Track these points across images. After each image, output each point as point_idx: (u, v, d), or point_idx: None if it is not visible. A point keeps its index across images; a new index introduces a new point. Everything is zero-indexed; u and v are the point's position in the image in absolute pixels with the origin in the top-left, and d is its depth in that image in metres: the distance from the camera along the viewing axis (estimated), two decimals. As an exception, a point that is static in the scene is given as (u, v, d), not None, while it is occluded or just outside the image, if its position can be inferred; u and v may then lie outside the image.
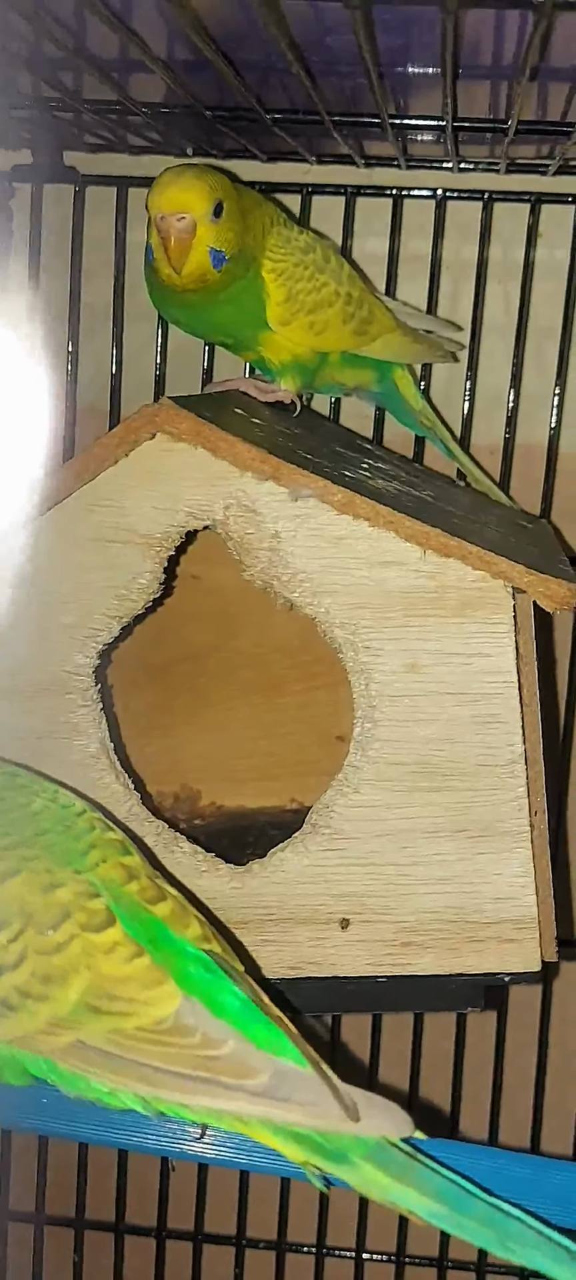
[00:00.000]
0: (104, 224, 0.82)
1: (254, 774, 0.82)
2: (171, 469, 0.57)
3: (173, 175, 0.64)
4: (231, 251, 0.65)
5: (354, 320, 0.72)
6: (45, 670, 0.59)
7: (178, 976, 0.47)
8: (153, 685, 0.80)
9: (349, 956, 0.62)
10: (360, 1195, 0.47)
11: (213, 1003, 0.47)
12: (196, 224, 0.63)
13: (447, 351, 0.80)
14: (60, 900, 0.49)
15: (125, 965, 0.47)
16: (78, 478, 0.57)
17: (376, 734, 0.60)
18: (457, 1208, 0.45)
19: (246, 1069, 0.45)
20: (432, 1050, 0.90)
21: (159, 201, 0.64)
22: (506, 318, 0.83)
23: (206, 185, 0.64)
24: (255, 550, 0.58)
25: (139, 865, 0.52)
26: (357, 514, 0.57)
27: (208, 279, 0.65)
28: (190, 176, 0.64)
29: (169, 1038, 0.46)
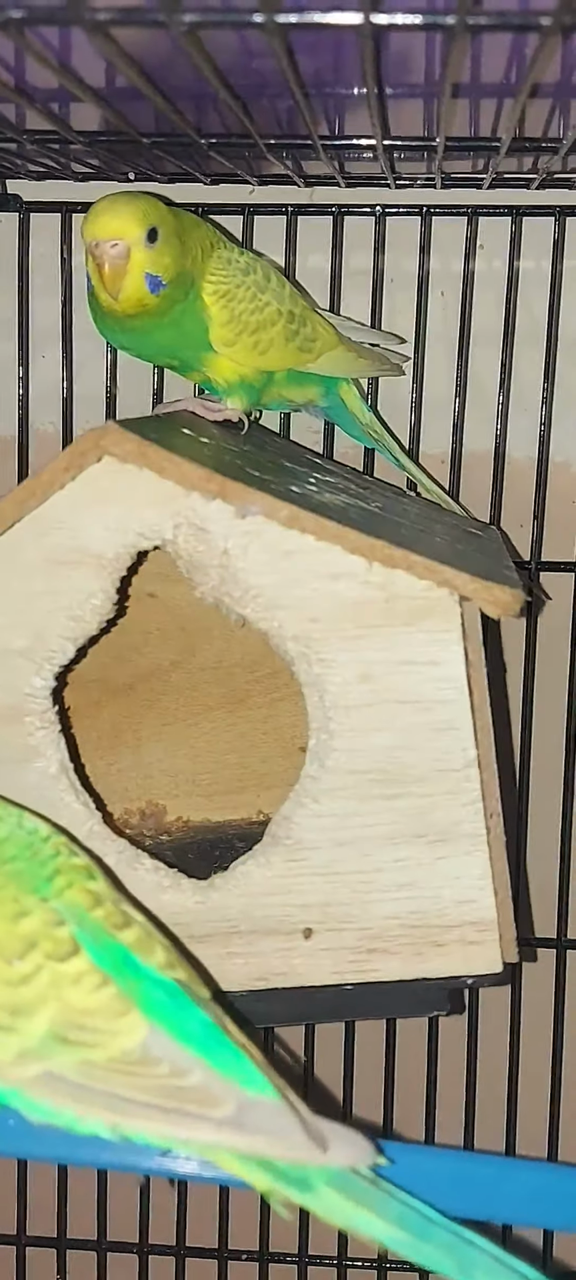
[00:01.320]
0: (49, 249, 0.83)
1: (220, 787, 0.82)
2: (119, 491, 0.58)
3: (105, 203, 0.65)
4: (169, 276, 0.66)
5: (297, 338, 0.73)
6: (2, 695, 0.60)
7: (143, 1004, 0.47)
8: (116, 704, 0.80)
9: (314, 966, 0.62)
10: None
11: (178, 1030, 0.47)
12: (130, 249, 0.64)
13: (393, 364, 0.81)
14: (26, 930, 0.49)
15: (92, 995, 0.47)
16: (25, 503, 0.58)
17: (332, 744, 0.60)
18: (419, 1234, 0.45)
19: (212, 1098, 0.45)
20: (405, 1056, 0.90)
21: (92, 229, 0.64)
22: (448, 328, 0.84)
23: (139, 211, 0.64)
24: (206, 568, 0.59)
25: (104, 890, 0.52)
26: (304, 529, 0.58)
27: (146, 304, 0.66)
28: (122, 203, 0.65)
29: (136, 1068, 0.46)
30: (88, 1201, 0.92)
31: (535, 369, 0.83)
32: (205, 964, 0.62)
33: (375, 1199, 0.45)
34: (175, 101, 0.57)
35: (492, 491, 0.84)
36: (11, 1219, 0.92)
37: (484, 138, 0.68)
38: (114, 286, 0.65)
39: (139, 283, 0.65)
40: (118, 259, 0.64)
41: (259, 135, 0.63)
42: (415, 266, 0.82)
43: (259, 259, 0.74)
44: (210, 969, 0.62)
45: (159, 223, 0.65)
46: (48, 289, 0.85)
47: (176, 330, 0.69)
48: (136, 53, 0.48)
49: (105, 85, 0.58)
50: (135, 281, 0.65)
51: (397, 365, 0.81)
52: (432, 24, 0.40)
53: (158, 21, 0.40)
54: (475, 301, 0.83)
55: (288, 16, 0.40)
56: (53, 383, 0.86)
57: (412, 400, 0.84)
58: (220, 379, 0.72)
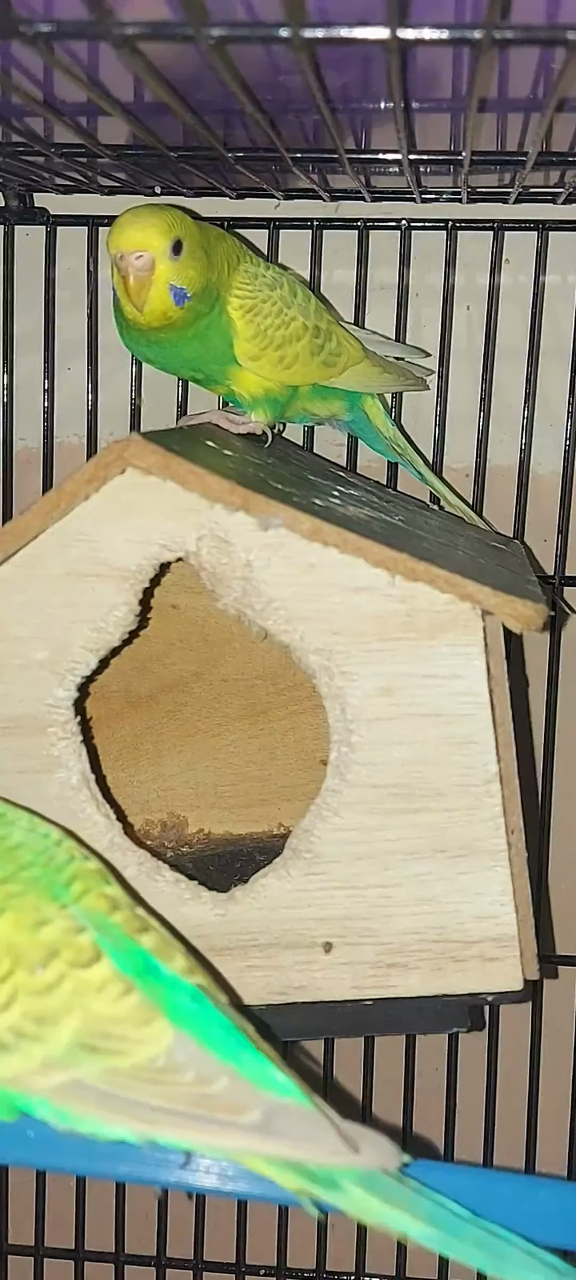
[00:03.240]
0: (75, 262, 0.84)
1: (241, 800, 0.82)
2: (143, 503, 0.58)
3: (130, 215, 0.65)
4: (194, 288, 0.66)
5: (323, 353, 0.73)
6: (22, 706, 0.60)
7: (168, 1010, 0.47)
8: (138, 715, 0.80)
9: (333, 980, 0.62)
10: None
11: (203, 1036, 0.47)
12: (155, 261, 0.64)
13: (418, 379, 0.81)
14: (47, 938, 0.48)
15: (116, 1002, 0.47)
16: (49, 515, 0.58)
17: (354, 758, 0.60)
18: (449, 1230, 0.45)
19: (239, 1105, 0.45)
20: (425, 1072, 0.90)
21: (117, 241, 0.64)
22: (473, 343, 0.84)
23: (164, 223, 0.64)
24: (228, 580, 0.59)
25: (120, 895, 0.52)
26: (326, 541, 0.58)
27: (170, 316, 0.66)
28: (147, 215, 0.65)
29: (162, 1075, 0.46)
30: (106, 1213, 0.92)
31: (560, 384, 0.83)
32: (225, 976, 0.62)
33: (404, 1196, 0.45)
34: (202, 115, 0.57)
35: (516, 506, 0.83)
36: (29, 1230, 0.93)
37: (510, 152, 0.68)
38: (139, 298, 0.65)
39: (164, 294, 0.65)
40: (142, 271, 0.64)
41: (285, 149, 0.63)
42: (440, 281, 0.82)
43: (285, 273, 0.74)
44: (230, 982, 0.62)
45: (184, 235, 0.65)
46: (74, 302, 0.85)
47: (201, 344, 0.69)
48: (164, 67, 0.49)
49: (133, 99, 0.59)
50: (160, 293, 0.65)
51: (422, 380, 0.81)
52: (459, 38, 0.40)
53: (185, 36, 0.40)
54: (500, 316, 0.83)
55: (314, 31, 0.40)
56: (78, 395, 0.86)
57: (437, 414, 0.84)
58: (245, 393, 0.72)
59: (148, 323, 0.66)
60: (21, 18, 0.40)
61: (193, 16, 0.38)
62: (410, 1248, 0.88)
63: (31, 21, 0.40)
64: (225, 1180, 0.55)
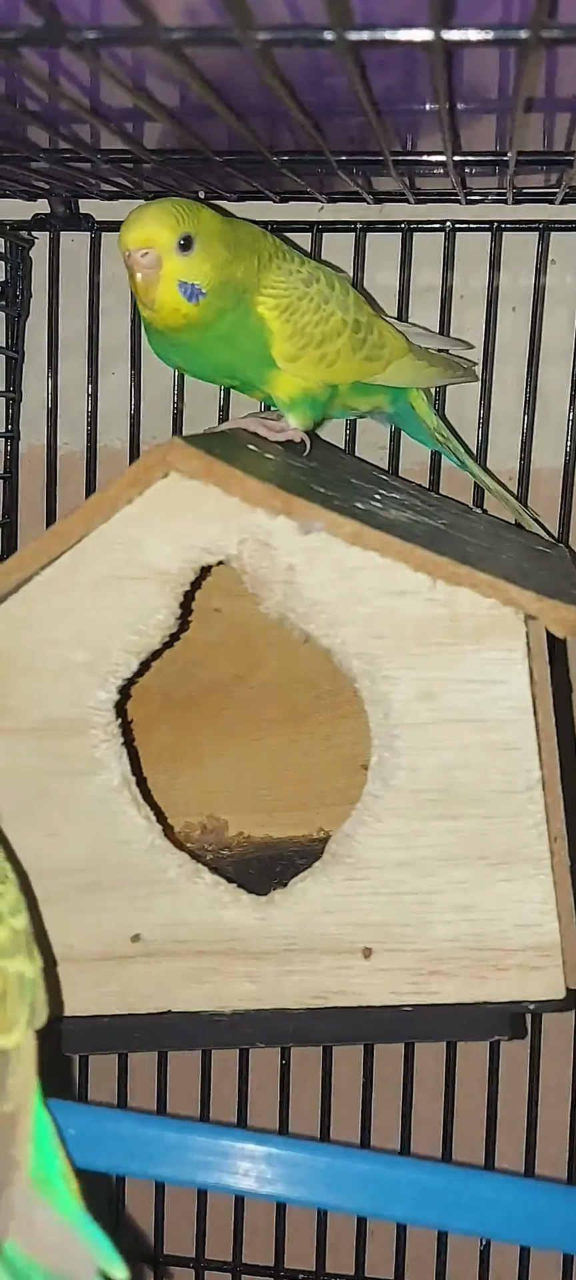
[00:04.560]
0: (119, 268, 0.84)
1: (281, 804, 0.82)
2: (185, 506, 0.58)
3: (138, 211, 0.64)
4: (209, 284, 0.64)
5: (364, 347, 0.71)
6: (64, 708, 0.60)
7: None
8: (178, 718, 0.81)
9: (373, 986, 0.62)
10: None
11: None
12: (161, 258, 0.63)
13: (466, 370, 0.80)
14: None
15: None
16: (92, 519, 0.58)
17: (395, 762, 0.60)
18: None
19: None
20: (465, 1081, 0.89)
21: (124, 238, 0.63)
22: (518, 344, 0.83)
23: (170, 218, 0.63)
24: (270, 584, 0.59)
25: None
26: (367, 545, 0.57)
27: (184, 313, 0.64)
28: (154, 210, 0.63)
29: None
30: (144, 1215, 0.93)
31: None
32: (264, 980, 0.62)
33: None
34: (247, 119, 0.57)
35: (561, 509, 0.83)
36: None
37: (557, 152, 0.67)
38: (147, 296, 0.63)
39: (171, 291, 0.63)
40: (148, 268, 0.63)
41: (330, 152, 0.63)
42: (484, 282, 0.82)
43: (321, 267, 0.72)
44: (269, 985, 0.62)
45: (195, 229, 0.63)
46: (117, 307, 0.86)
47: (230, 346, 0.67)
48: (208, 71, 0.49)
49: (178, 104, 0.59)
50: (168, 289, 0.63)
51: (471, 370, 0.80)
52: (505, 39, 0.40)
53: (231, 40, 0.40)
54: (546, 317, 0.82)
55: (358, 34, 0.40)
56: (121, 399, 0.87)
57: (481, 416, 0.83)
58: (283, 395, 0.70)
59: (161, 322, 0.65)
60: (68, 25, 0.40)
61: (238, 20, 0.39)
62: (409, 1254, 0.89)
63: (78, 28, 0.40)
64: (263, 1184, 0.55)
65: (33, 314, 0.88)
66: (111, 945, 0.62)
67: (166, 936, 0.62)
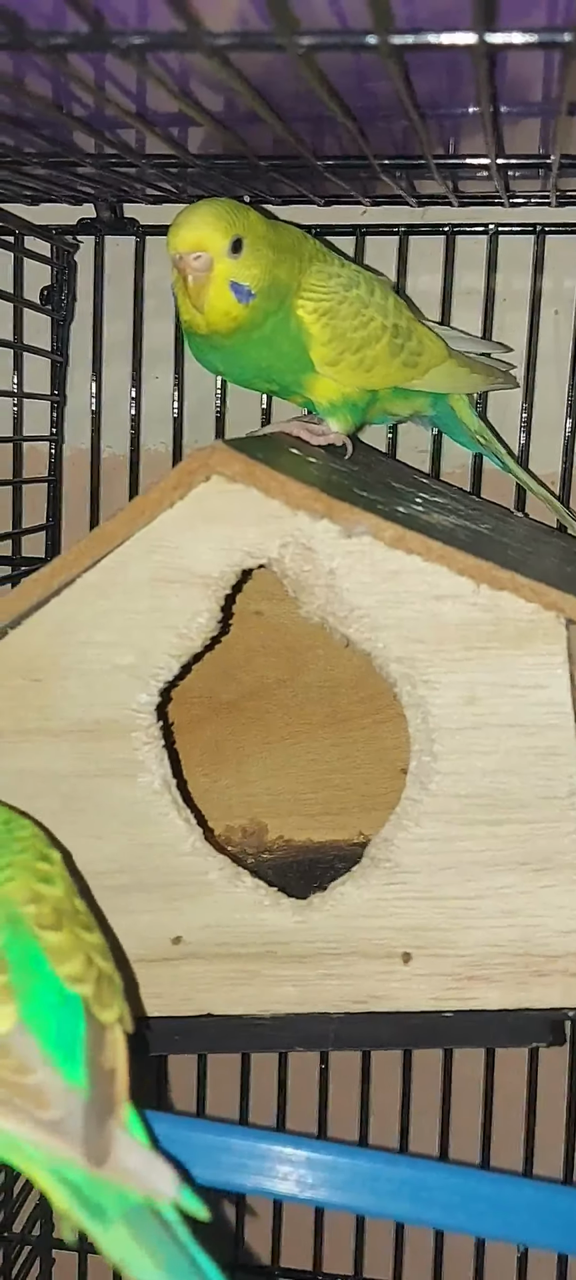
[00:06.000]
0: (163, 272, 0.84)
1: (322, 808, 0.82)
2: (226, 510, 0.58)
3: (187, 214, 0.63)
4: (258, 285, 0.64)
5: (404, 352, 0.71)
6: (107, 710, 0.60)
7: (26, 1002, 0.48)
8: (220, 721, 0.81)
9: (412, 991, 0.62)
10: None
11: (48, 1036, 0.47)
12: (213, 260, 0.62)
13: (507, 377, 0.79)
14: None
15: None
16: (134, 522, 0.58)
17: (435, 767, 0.60)
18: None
19: (46, 1100, 0.45)
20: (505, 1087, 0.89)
21: (174, 241, 0.63)
22: (560, 347, 0.83)
23: (222, 220, 0.62)
24: (311, 587, 0.59)
25: (51, 896, 0.52)
26: (410, 549, 0.57)
27: (234, 316, 0.64)
28: (204, 213, 0.63)
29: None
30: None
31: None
32: (304, 983, 0.62)
33: (161, 1249, 0.44)
34: (291, 124, 0.57)
35: (604, 513, 0.82)
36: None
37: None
38: (198, 299, 0.63)
39: (223, 293, 0.63)
40: (201, 271, 0.62)
41: (373, 156, 0.63)
42: (527, 285, 0.82)
43: (362, 271, 0.72)
44: (309, 989, 0.62)
45: (244, 231, 0.63)
46: (161, 311, 0.86)
47: (270, 350, 0.67)
48: (253, 76, 0.49)
49: (223, 108, 0.59)
50: (219, 291, 0.63)
51: (511, 377, 0.80)
52: (549, 42, 0.40)
53: (275, 45, 0.40)
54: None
55: (402, 38, 0.40)
56: (164, 403, 0.87)
57: (523, 419, 0.83)
58: (323, 400, 0.69)
59: (209, 325, 0.64)
60: (114, 30, 0.41)
61: (282, 26, 0.39)
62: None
63: (124, 34, 0.41)
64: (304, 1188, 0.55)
65: (77, 318, 0.89)
66: (152, 947, 0.62)
67: (207, 939, 0.62)
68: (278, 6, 0.37)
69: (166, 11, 0.38)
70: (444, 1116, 0.88)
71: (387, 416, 0.77)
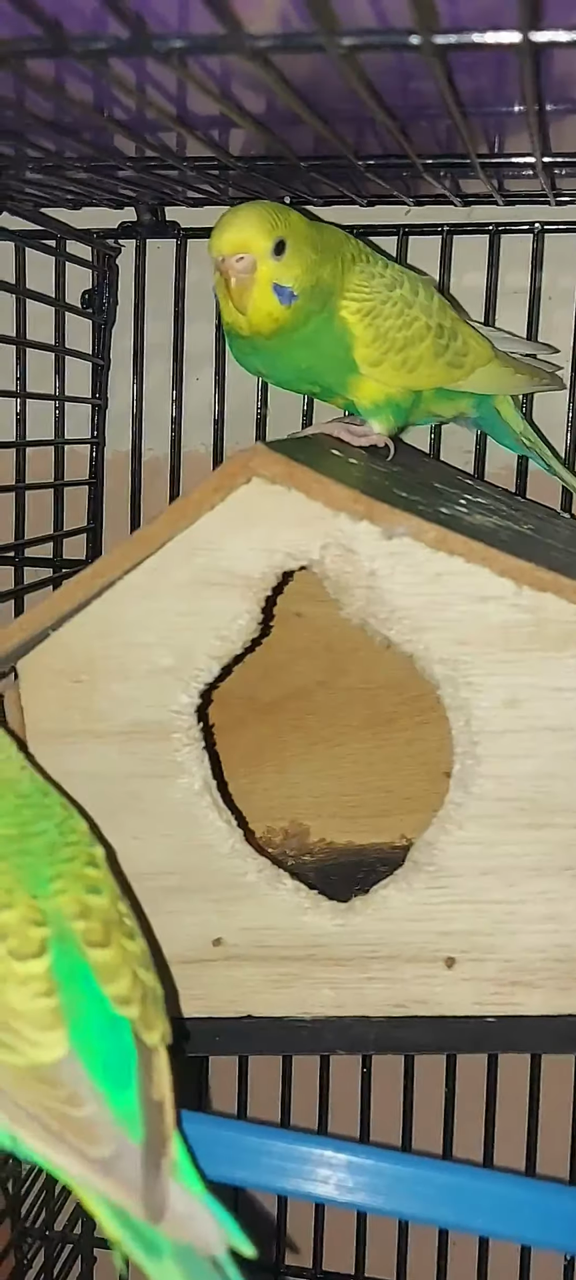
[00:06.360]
0: (204, 274, 0.85)
1: (363, 810, 0.82)
2: (267, 512, 0.58)
3: (230, 216, 0.63)
4: (300, 287, 0.64)
5: (448, 353, 0.70)
6: (148, 711, 0.61)
7: (75, 1026, 0.47)
8: (261, 723, 0.81)
9: (455, 996, 0.61)
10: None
11: (96, 1064, 0.47)
12: (256, 262, 0.62)
13: (554, 378, 0.79)
14: (3, 922, 0.49)
15: (29, 1001, 0.47)
16: (175, 524, 0.58)
17: (478, 770, 0.59)
18: None
19: (94, 1137, 0.45)
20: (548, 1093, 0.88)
21: (218, 243, 0.63)
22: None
23: (265, 222, 0.62)
24: (352, 589, 0.58)
25: (99, 907, 0.51)
26: (452, 550, 0.57)
27: (277, 317, 0.64)
28: (248, 215, 0.63)
29: (40, 1084, 0.46)
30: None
31: None
32: (345, 987, 0.62)
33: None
34: (332, 124, 0.57)
35: None
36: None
37: None
38: (241, 301, 0.63)
39: (267, 295, 0.63)
40: (244, 273, 0.62)
41: (416, 156, 0.63)
42: (574, 284, 0.81)
43: (405, 271, 0.71)
44: (350, 992, 0.62)
45: (287, 232, 0.63)
46: (202, 313, 0.86)
47: (312, 351, 0.67)
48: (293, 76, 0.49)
49: (263, 110, 0.59)
50: (263, 293, 0.63)
51: (557, 378, 0.79)
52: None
53: (316, 46, 0.40)
54: None
55: (445, 37, 0.40)
56: (205, 405, 0.87)
57: (569, 419, 0.82)
58: (366, 401, 0.69)
59: (253, 326, 0.64)
60: (155, 35, 0.41)
61: (323, 26, 0.38)
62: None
63: (165, 38, 0.41)
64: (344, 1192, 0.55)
65: (118, 321, 0.90)
66: (193, 948, 0.62)
67: (248, 941, 0.62)
68: (318, 7, 0.37)
69: (207, 14, 0.38)
70: (488, 1122, 0.88)
71: (431, 417, 0.77)
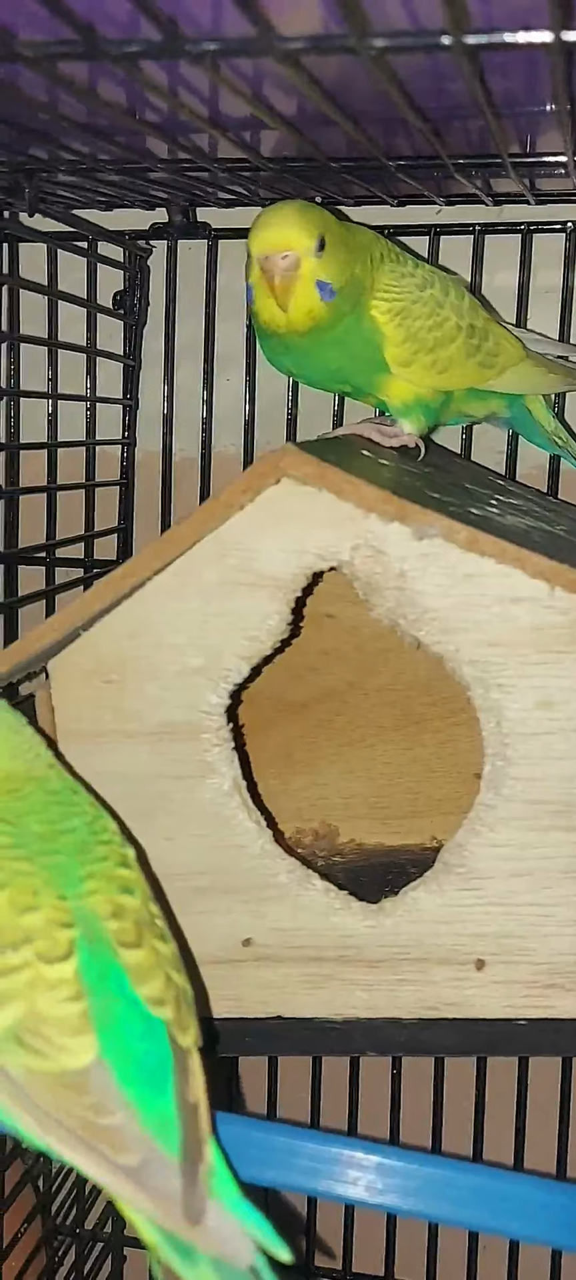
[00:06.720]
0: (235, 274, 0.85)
1: (394, 812, 0.82)
2: (297, 512, 0.58)
3: (273, 215, 0.63)
4: (338, 284, 0.64)
5: (479, 353, 0.70)
6: (178, 711, 0.61)
7: (106, 1031, 0.47)
8: (291, 723, 0.81)
9: (486, 998, 0.61)
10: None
11: (126, 1069, 0.47)
12: (300, 260, 0.62)
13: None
14: (28, 924, 0.49)
15: (57, 1006, 0.47)
16: (205, 525, 0.58)
17: (509, 772, 0.59)
18: None
19: (123, 1145, 0.45)
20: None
21: (262, 240, 0.63)
22: None
23: (308, 220, 0.63)
24: (382, 590, 0.58)
25: (132, 908, 0.51)
26: (483, 551, 0.57)
27: (316, 315, 0.64)
28: (291, 212, 0.63)
29: (68, 1091, 0.46)
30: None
31: None
32: (376, 989, 0.62)
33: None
34: (363, 125, 0.57)
35: None
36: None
37: None
38: (284, 299, 0.63)
39: (310, 292, 0.63)
40: (289, 270, 0.62)
41: (448, 156, 0.63)
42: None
43: (436, 271, 0.71)
44: (380, 994, 0.62)
45: (325, 230, 0.63)
46: (233, 314, 0.86)
47: (343, 350, 0.67)
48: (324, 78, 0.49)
49: (295, 111, 0.59)
50: (306, 290, 0.63)
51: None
52: None
53: (347, 47, 0.40)
54: None
55: (477, 38, 0.39)
56: (235, 405, 0.87)
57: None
58: (396, 401, 0.69)
59: (292, 324, 0.64)
60: (187, 37, 0.41)
61: (355, 28, 0.38)
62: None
63: (197, 40, 0.41)
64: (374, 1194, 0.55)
65: (149, 322, 0.90)
66: (222, 949, 0.63)
67: (277, 942, 0.62)
68: (350, 9, 0.37)
69: (239, 17, 0.38)
70: (518, 1125, 0.87)
71: (463, 418, 0.76)
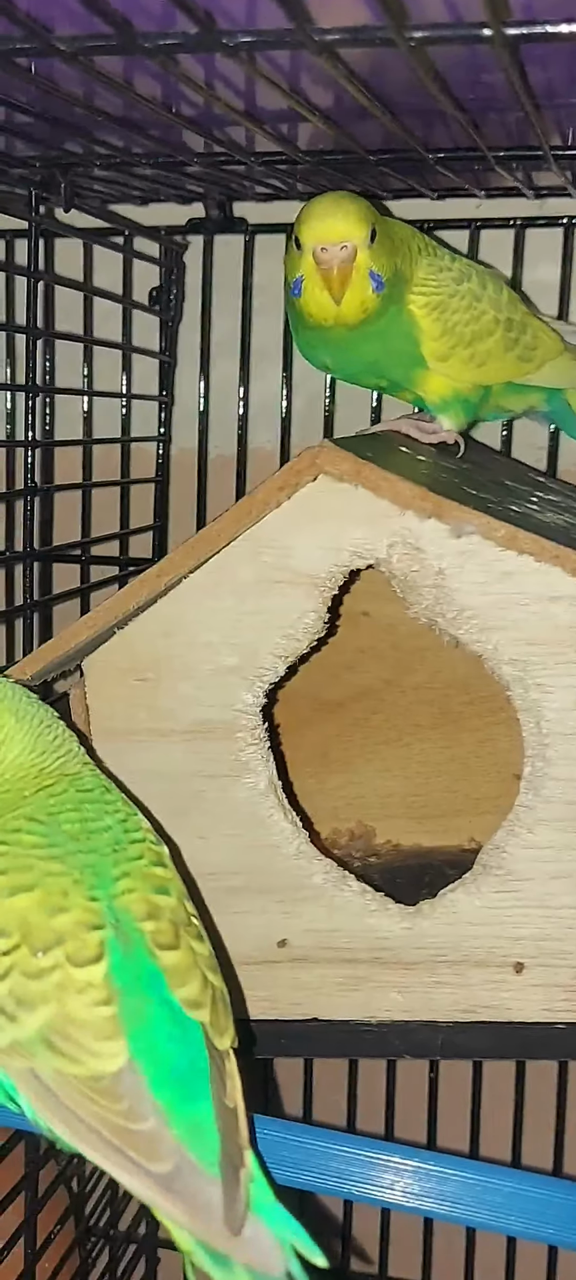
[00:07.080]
0: (272, 269, 0.84)
1: (431, 811, 0.81)
2: (334, 510, 0.58)
3: (329, 205, 0.63)
4: (387, 274, 0.63)
5: (517, 347, 0.69)
6: (213, 710, 0.60)
7: (138, 1034, 0.46)
8: (327, 722, 0.80)
9: (524, 1002, 0.61)
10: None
11: (159, 1073, 0.46)
12: (357, 250, 0.62)
13: None
14: (58, 925, 0.48)
15: (87, 1010, 0.46)
16: (241, 522, 0.58)
17: (549, 773, 0.58)
18: None
19: (154, 1152, 0.44)
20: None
21: (320, 232, 0.62)
22: None
23: (362, 210, 0.62)
24: (420, 587, 0.58)
25: (168, 907, 0.50)
26: (521, 549, 0.56)
27: (367, 306, 0.63)
28: (346, 202, 0.62)
29: (100, 1095, 0.45)
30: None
31: None
32: (413, 991, 0.61)
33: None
34: (402, 118, 0.56)
35: None
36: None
37: None
38: (340, 289, 0.62)
39: (365, 282, 0.62)
40: (347, 262, 0.62)
41: (488, 148, 0.62)
42: None
43: (473, 265, 0.70)
44: (417, 996, 0.61)
45: (374, 220, 0.63)
46: (269, 309, 0.86)
47: (381, 344, 0.66)
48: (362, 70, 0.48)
49: (333, 105, 0.59)
50: (361, 281, 0.62)
51: None
52: None
53: (386, 40, 0.39)
54: None
55: (517, 29, 0.39)
56: (272, 402, 0.87)
57: None
58: (434, 396, 0.68)
59: (343, 316, 0.63)
60: (223, 30, 0.40)
61: (393, 19, 0.38)
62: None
63: (233, 33, 0.41)
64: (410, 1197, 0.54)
65: (185, 318, 0.90)
66: (258, 949, 0.62)
67: (313, 943, 0.62)
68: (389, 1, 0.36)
69: (275, 9, 0.38)
70: (558, 1130, 0.87)
71: (501, 413, 0.76)
